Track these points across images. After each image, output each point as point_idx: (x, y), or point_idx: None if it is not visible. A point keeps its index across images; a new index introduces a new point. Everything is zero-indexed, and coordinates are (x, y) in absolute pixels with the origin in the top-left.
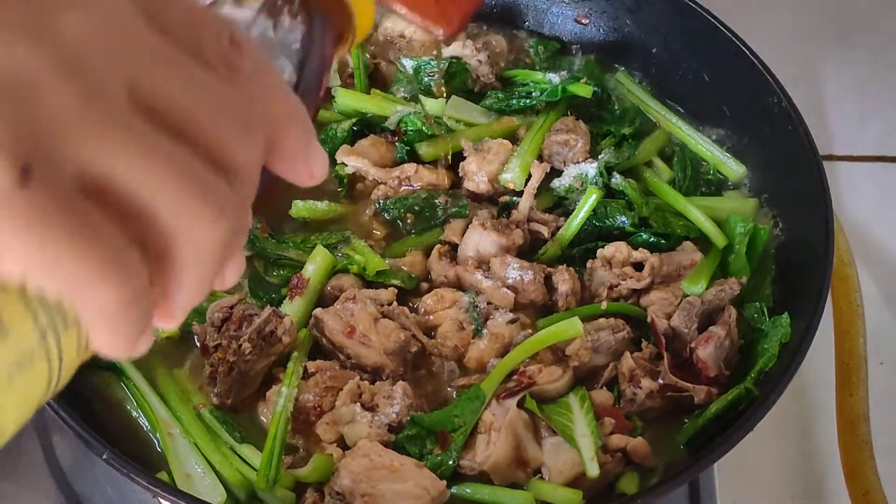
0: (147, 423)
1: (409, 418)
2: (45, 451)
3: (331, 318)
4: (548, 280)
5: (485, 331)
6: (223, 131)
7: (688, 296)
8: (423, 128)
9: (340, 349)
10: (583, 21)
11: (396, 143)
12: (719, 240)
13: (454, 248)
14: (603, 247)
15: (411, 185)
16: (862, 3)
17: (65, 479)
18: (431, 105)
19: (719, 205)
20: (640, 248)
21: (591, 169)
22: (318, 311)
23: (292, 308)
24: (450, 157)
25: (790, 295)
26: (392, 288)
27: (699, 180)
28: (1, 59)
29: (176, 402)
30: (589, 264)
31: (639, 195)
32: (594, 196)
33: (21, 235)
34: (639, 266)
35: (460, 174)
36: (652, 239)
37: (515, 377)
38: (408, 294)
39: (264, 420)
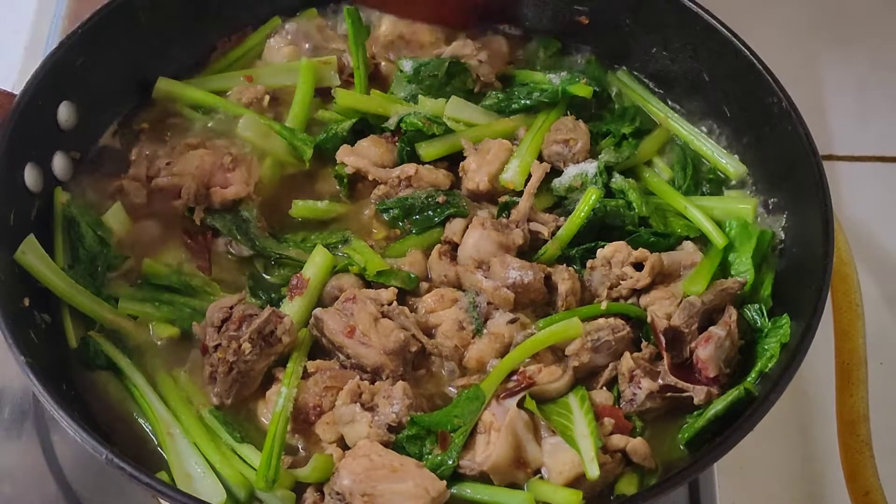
0: (147, 424)
1: (408, 418)
2: (45, 451)
3: (331, 317)
4: (548, 280)
5: (485, 331)
6: None
7: (688, 296)
8: (423, 128)
9: (340, 349)
10: (583, 21)
11: (396, 143)
12: (719, 240)
13: (454, 247)
14: (603, 247)
15: (411, 185)
16: (862, 3)
17: (65, 479)
18: (431, 105)
19: (719, 205)
20: (640, 248)
21: (591, 169)
22: (318, 310)
23: (292, 308)
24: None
25: (790, 295)
26: (392, 288)
27: (699, 180)
28: None
29: (176, 402)
30: (589, 264)
31: (639, 195)
32: (594, 196)
33: None
34: (639, 266)
35: (460, 174)
36: (652, 239)
37: (515, 377)
38: (408, 294)
39: (264, 420)
